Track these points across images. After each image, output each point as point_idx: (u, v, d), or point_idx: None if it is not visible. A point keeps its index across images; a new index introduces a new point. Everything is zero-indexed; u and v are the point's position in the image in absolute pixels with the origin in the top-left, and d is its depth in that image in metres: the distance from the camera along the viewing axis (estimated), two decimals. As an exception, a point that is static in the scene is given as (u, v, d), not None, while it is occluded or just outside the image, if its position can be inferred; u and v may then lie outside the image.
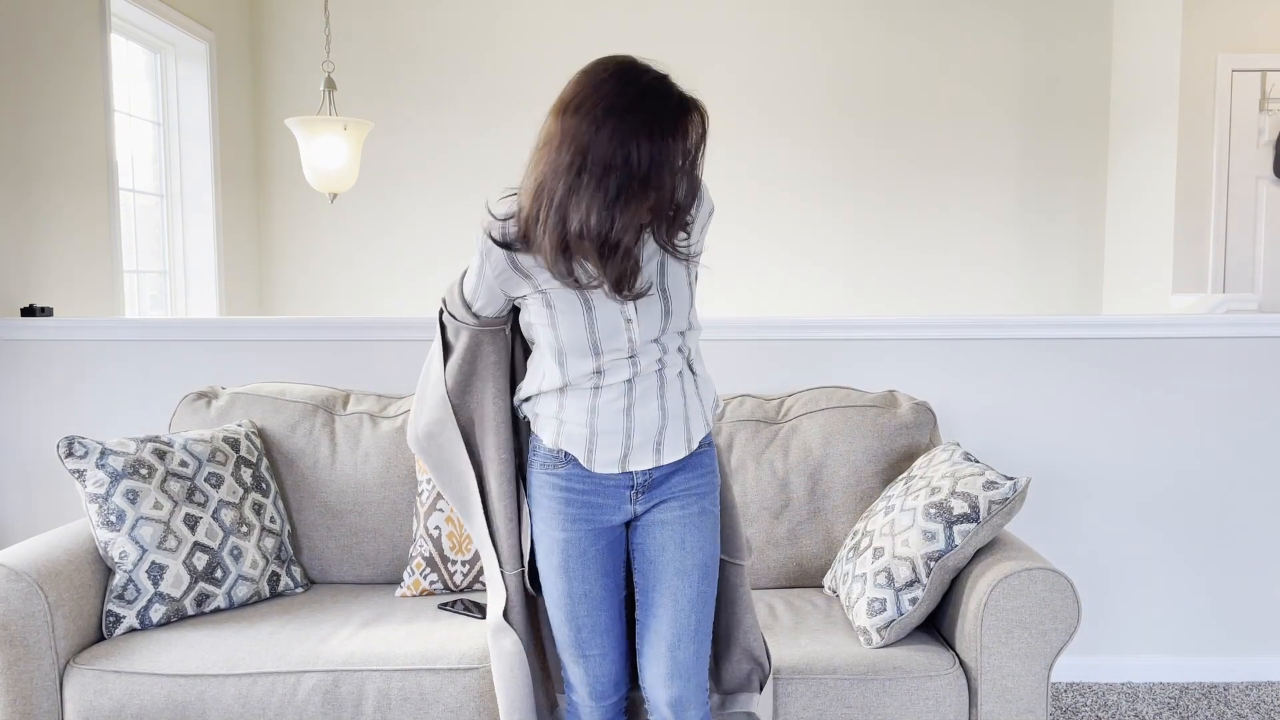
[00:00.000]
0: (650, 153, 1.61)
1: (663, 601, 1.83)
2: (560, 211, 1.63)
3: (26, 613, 2.09)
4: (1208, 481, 3.07)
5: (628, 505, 1.85)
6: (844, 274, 5.30)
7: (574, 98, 1.65)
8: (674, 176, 1.66)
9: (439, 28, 5.23)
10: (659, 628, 1.83)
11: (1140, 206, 5.01)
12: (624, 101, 1.61)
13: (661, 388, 1.82)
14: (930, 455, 2.46)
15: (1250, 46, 4.64)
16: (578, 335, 1.75)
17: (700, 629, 1.84)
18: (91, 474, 2.32)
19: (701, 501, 1.87)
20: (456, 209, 5.28)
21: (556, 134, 1.65)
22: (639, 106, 1.62)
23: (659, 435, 1.82)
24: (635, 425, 1.81)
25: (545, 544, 1.86)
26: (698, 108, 1.69)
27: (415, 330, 3.06)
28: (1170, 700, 2.95)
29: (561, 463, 1.84)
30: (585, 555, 1.84)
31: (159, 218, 4.63)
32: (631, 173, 1.61)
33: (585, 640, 1.86)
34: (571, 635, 1.86)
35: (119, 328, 3.12)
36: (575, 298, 1.73)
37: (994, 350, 3.04)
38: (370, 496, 2.66)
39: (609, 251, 1.65)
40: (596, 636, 1.86)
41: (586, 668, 1.87)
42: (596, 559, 1.85)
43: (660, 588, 1.84)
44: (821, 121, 5.23)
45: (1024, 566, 2.10)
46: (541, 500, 1.86)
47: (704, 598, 1.85)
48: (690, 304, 1.83)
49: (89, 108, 3.63)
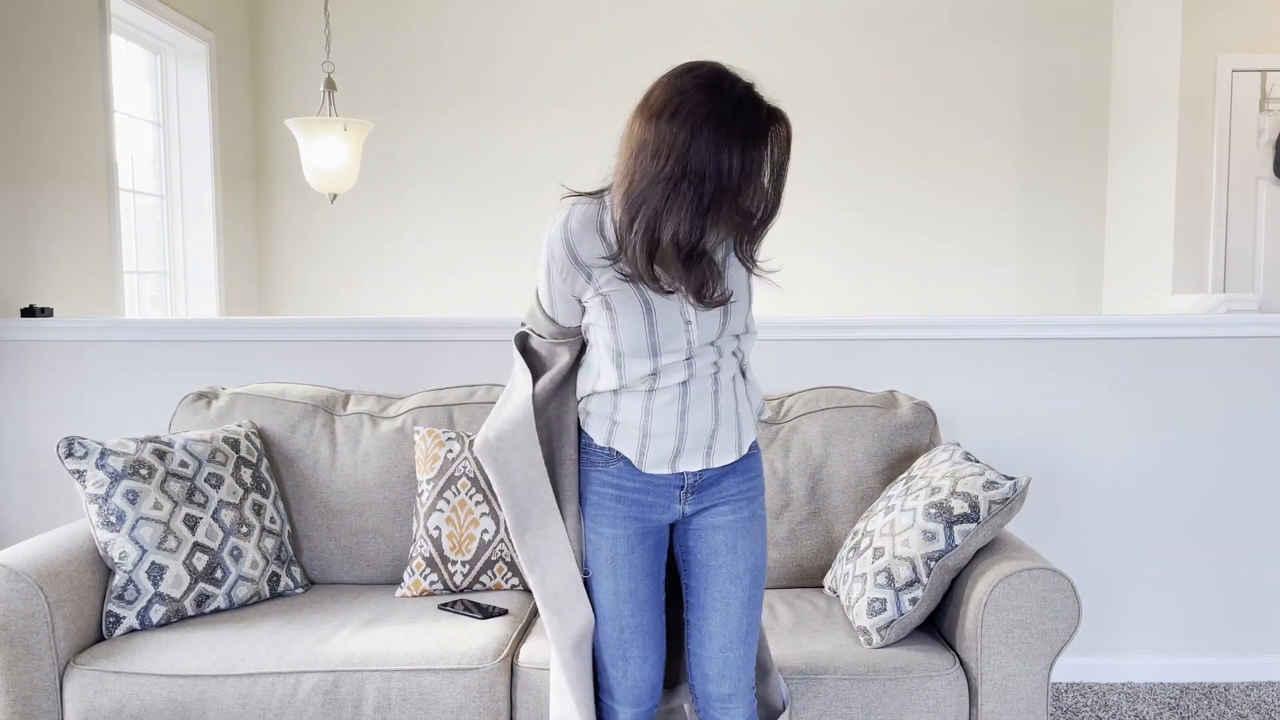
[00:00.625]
0: (742, 163, 1.60)
1: (714, 605, 1.85)
2: (655, 220, 1.62)
3: (26, 613, 2.09)
4: (1208, 481, 3.07)
5: (677, 505, 1.86)
6: (845, 275, 5.30)
7: (667, 104, 1.63)
8: (762, 187, 1.66)
9: (439, 28, 5.23)
10: (711, 629, 1.85)
11: (1140, 206, 5.01)
12: (720, 110, 1.60)
13: (715, 391, 1.83)
14: (930, 455, 2.46)
15: (1250, 46, 4.64)
16: (637, 336, 1.75)
17: (750, 632, 1.86)
18: (91, 474, 2.32)
19: (751, 505, 1.88)
20: (456, 209, 5.29)
21: (651, 140, 1.62)
22: (733, 116, 1.60)
23: (710, 438, 1.83)
24: (688, 428, 1.82)
25: (594, 541, 1.86)
26: (785, 120, 1.68)
27: (415, 331, 3.06)
28: (1171, 700, 2.94)
29: (613, 460, 1.84)
30: (633, 554, 1.84)
31: (159, 218, 4.63)
32: (723, 183, 1.60)
33: (628, 641, 1.85)
34: (614, 635, 1.86)
35: (119, 328, 3.12)
36: (635, 300, 1.74)
37: (995, 350, 3.04)
38: (370, 497, 2.66)
39: (694, 260, 1.65)
40: (638, 639, 1.86)
41: (625, 670, 1.86)
42: (643, 558, 1.86)
43: (712, 591, 1.85)
44: (822, 123, 5.23)
45: (1024, 566, 2.10)
46: (591, 497, 1.86)
47: (754, 601, 1.87)
48: (748, 308, 1.84)
49: (89, 108, 3.63)
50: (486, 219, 5.29)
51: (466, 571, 2.52)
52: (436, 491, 2.55)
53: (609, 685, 1.88)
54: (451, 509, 2.54)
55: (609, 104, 5.21)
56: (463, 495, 2.54)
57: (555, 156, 5.24)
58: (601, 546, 1.85)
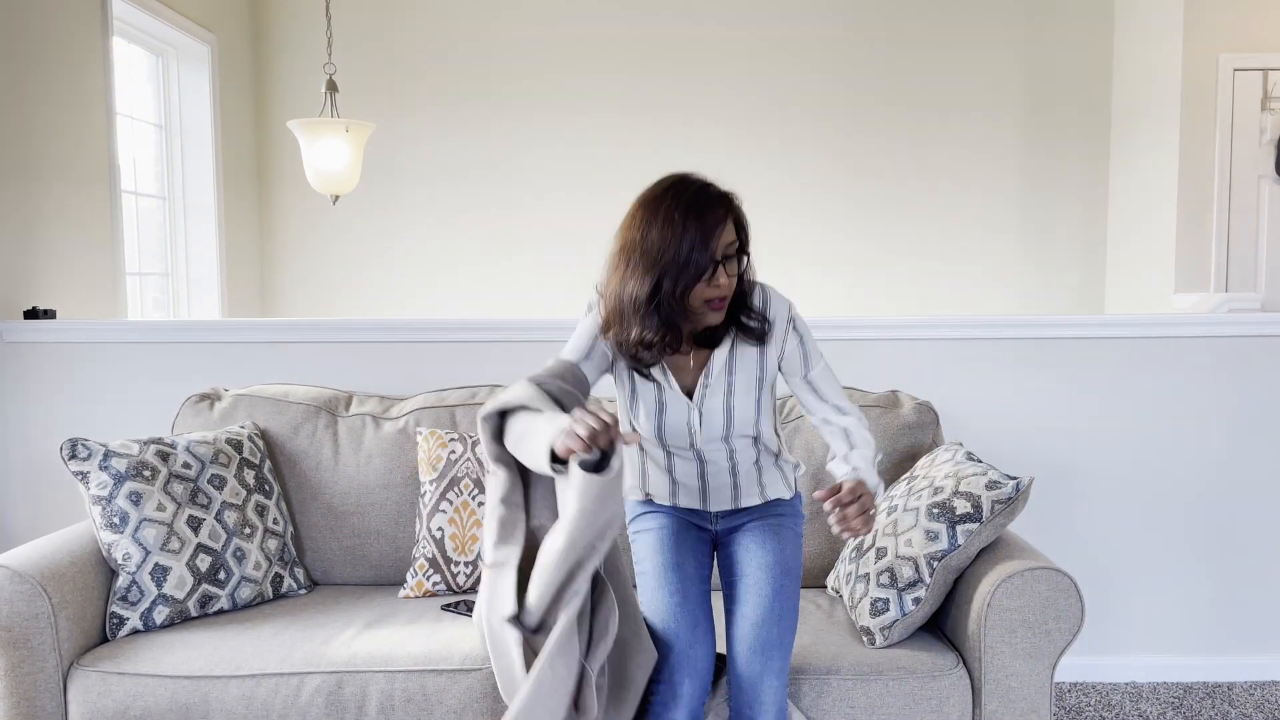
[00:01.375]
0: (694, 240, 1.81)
1: (747, 589, 2.01)
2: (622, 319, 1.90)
3: (30, 615, 2.10)
4: (1211, 480, 3.06)
5: (710, 526, 2.16)
6: (846, 276, 5.29)
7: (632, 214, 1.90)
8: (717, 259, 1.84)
9: (441, 30, 5.23)
10: (744, 610, 1.98)
11: (1142, 206, 5.00)
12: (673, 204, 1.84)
13: (733, 469, 2.11)
14: (933, 455, 2.46)
15: (1252, 46, 4.64)
16: (647, 425, 2.04)
17: (783, 618, 1.96)
18: (95, 476, 2.32)
19: (781, 519, 2.13)
20: (458, 210, 5.29)
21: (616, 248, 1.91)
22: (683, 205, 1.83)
23: (734, 492, 2.13)
24: (710, 486, 2.11)
25: (641, 533, 2.10)
26: (732, 198, 1.89)
27: (417, 332, 3.06)
28: (1174, 700, 2.94)
29: (647, 499, 2.17)
30: (677, 535, 2.07)
31: (161, 220, 4.63)
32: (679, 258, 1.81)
33: (678, 610, 1.93)
34: (667, 601, 1.94)
35: (122, 330, 3.12)
36: (652, 395, 2.01)
37: (997, 350, 3.04)
38: (373, 498, 2.66)
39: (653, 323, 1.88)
40: (687, 607, 1.95)
41: (676, 647, 1.91)
42: (687, 541, 2.07)
43: (745, 580, 2.03)
44: (823, 124, 5.23)
45: (1027, 566, 2.10)
46: (631, 513, 2.18)
47: (785, 591, 2.00)
48: (758, 414, 2.05)
49: (91, 110, 3.63)
50: (488, 220, 5.29)
51: (470, 573, 2.52)
52: (439, 493, 2.55)
53: (673, 663, 1.91)
54: (454, 510, 2.54)
55: (611, 106, 5.23)
56: (465, 496, 2.55)
57: (557, 158, 5.24)
58: (648, 532, 2.09)
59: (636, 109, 5.20)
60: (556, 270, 5.25)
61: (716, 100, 5.18)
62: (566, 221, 5.25)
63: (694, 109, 5.18)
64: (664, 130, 5.18)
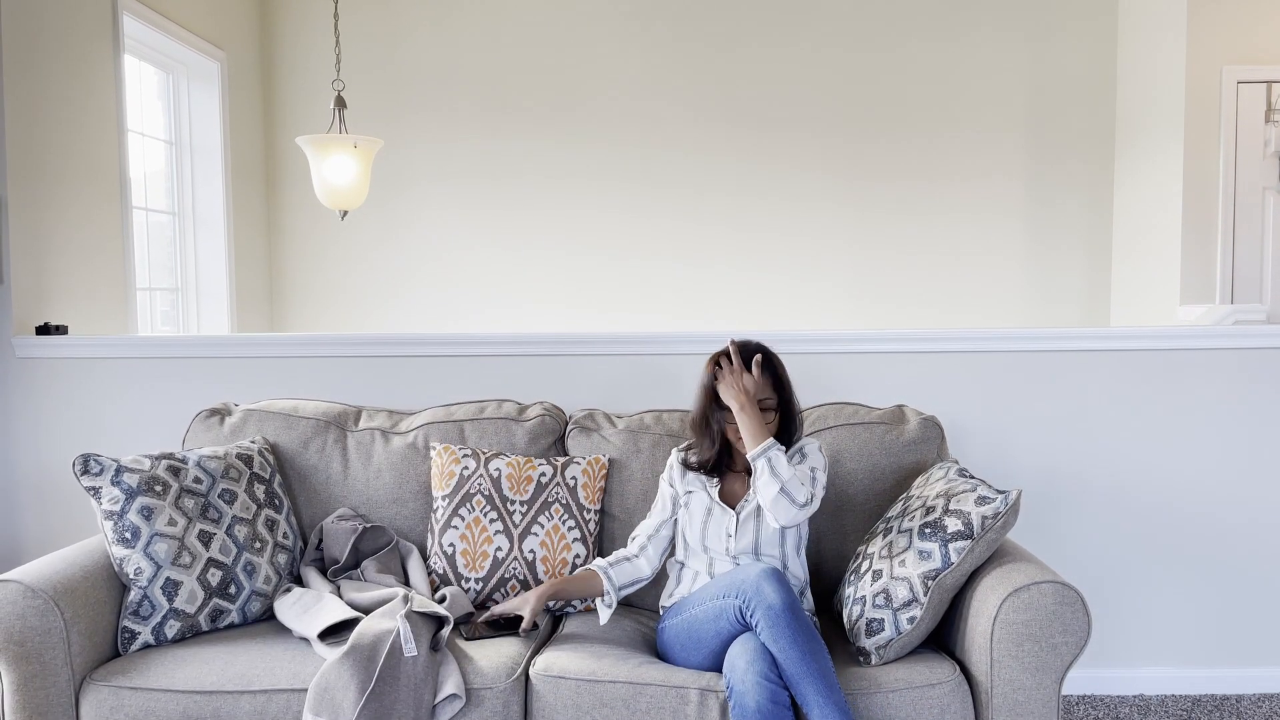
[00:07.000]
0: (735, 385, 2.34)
1: None
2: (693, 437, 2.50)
3: (43, 629, 2.11)
4: (1217, 492, 3.06)
5: None
6: (849, 285, 5.30)
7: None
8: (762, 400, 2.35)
9: (448, 46, 5.27)
10: None
11: (1147, 218, 5.01)
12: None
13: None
14: (928, 475, 2.46)
15: (1255, 58, 4.65)
16: (694, 534, 2.41)
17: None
18: (107, 491, 2.34)
19: None
20: (466, 225, 5.31)
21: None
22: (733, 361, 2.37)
23: None
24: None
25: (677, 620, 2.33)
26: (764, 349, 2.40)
27: (426, 346, 3.08)
28: (1182, 713, 2.94)
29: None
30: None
31: (171, 235, 4.66)
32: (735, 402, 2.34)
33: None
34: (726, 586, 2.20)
35: (133, 345, 3.15)
36: (701, 510, 2.40)
37: (1002, 363, 3.05)
38: (383, 513, 2.67)
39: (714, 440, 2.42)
40: None
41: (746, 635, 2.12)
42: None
43: None
44: (826, 132, 5.25)
45: (1034, 580, 2.10)
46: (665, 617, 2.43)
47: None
48: (781, 543, 2.36)
49: (102, 127, 3.67)
50: (497, 234, 5.32)
51: (480, 589, 2.53)
52: (452, 508, 2.56)
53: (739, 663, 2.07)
54: (466, 526, 2.55)
55: (619, 117, 5.25)
56: (477, 512, 2.56)
57: (564, 173, 5.27)
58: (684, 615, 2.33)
59: (644, 123, 5.22)
60: (565, 284, 5.27)
61: (718, 105, 5.20)
62: (575, 236, 5.27)
63: (701, 125, 5.20)
64: (672, 144, 5.21)
